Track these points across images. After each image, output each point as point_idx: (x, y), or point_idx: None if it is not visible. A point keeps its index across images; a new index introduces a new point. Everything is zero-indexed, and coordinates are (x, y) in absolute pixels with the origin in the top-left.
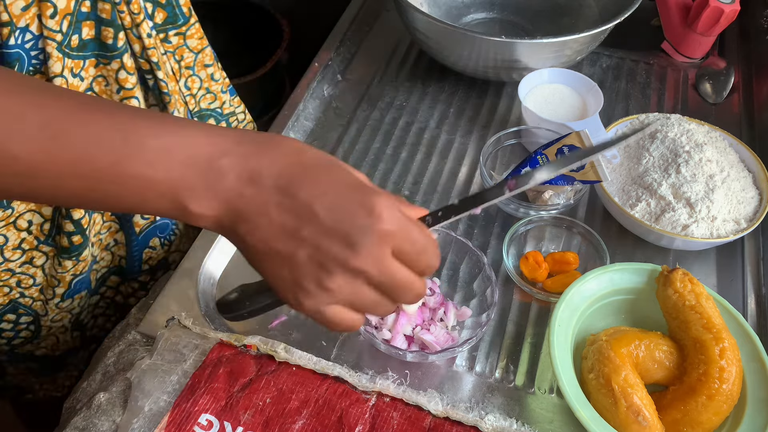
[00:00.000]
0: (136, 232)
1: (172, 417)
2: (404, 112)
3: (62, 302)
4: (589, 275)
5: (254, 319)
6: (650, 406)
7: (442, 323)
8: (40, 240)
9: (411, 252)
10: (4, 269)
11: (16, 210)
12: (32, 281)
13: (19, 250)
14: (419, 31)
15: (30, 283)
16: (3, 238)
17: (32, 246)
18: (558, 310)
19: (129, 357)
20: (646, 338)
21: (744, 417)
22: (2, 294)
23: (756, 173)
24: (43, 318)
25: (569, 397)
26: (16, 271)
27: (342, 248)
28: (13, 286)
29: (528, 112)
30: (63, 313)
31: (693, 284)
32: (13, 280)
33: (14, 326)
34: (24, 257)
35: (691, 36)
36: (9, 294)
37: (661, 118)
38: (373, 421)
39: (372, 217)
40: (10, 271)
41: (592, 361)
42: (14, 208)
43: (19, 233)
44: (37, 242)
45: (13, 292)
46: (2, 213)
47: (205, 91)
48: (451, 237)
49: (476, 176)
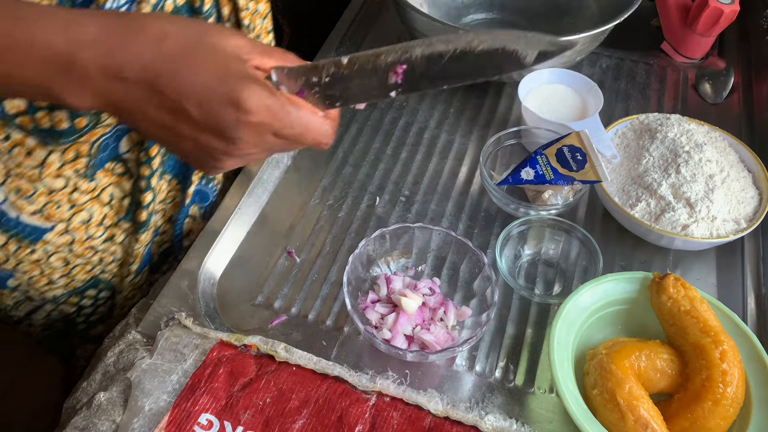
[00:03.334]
0: (185, 202)
1: (172, 417)
2: (404, 112)
3: (135, 278)
4: (582, 289)
5: (254, 319)
6: (657, 417)
7: (442, 323)
8: (120, 216)
9: (292, 135)
10: (88, 247)
11: (99, 182)
12: (112, 258)
13: (102, 227)
14: (419, 31)
15: (110, 260)
16: (87, 214)
17: (113, 222)
18: (555, 328)
19: (129, 357)
20: (645, 348)
21: (751, 419)
22: (85, 271)
23: (756, 173)
24: (118, 295)
25: (576, 417)
26: (99, 248)
27: (221, 143)
28: (95, 263)
29: (528, 112)
30: (134, 290)
31: (686, 289)
32: (96, 258)
33: (94, 301)
34: (106, 234)
35: (691, 36)
36: (91, 271)
37: (661, 118)
38: (373, 421)
39: (240, 111)
40: (93, 249)
41: (595, 377)
42: (98, 180)
43: (102, 208)
44: (117, 219)
45: (95, 269)
46: (87, 185)
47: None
48: (451, 237)
49: (476, 176)
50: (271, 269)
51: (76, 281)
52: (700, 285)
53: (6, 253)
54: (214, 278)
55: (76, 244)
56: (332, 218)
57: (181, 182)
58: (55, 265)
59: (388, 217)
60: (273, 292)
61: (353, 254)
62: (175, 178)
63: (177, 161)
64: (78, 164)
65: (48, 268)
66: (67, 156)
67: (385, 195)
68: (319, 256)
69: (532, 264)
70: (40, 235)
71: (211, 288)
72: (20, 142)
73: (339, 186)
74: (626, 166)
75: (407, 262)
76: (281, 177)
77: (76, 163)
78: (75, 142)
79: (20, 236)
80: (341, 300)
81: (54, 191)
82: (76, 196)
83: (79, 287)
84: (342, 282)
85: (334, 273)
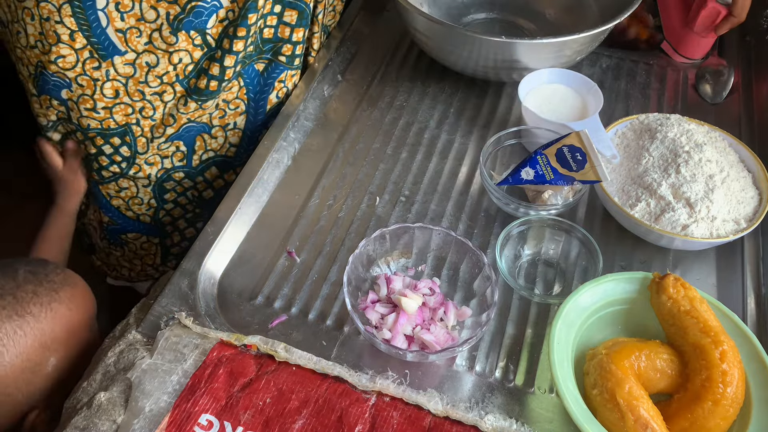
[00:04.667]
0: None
1: (172, 417)
2: (404, 112)
3: (164, 144)
4: (582, 289)
5: (254, 319)
6: (657, 417)
7: (442, 323)
8: (178, 77)
9: None
10: (139, 89)
11: (178, 43)
12: (152, 113)
13: (159, 79)
14: (419, 31)
15: (150, 114)
16: (155, 59)
17: (170, 81)
18: (555, 328)
19: (129, 357)
20: (645, 348)
21: (751, 419)
22: (125, 114)
23: (756, 173)
24: (139, 155)
25: (576, 417)
26: (147, 96)
27: None
28: (137, 109)
29: (528, 112)
30: (156, 159)
31: (686, 289)
32: (139, 105)
33: (113, 154)
34: (159, 87)
35: (691, 36)
36: (129, 116)
37: (660, 118)
38: (373, 421)
39: None
40: (141, 93)
41: (595, 377)
42: (178, 39)
43: (168, 64)
44: (176, 79)
45: (133, 116)
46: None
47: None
48: (451, 237)
49: (476, 176)
50: (271, 269)
51: (111, 120)
52: (700, 285)
53: (79, 57)
54: (214, 278)
55: (132, 82)
56: (332, 218)
57: (249, 94)
58: (106, 92)
59: (388, 217)
60: (273, 292)
61: (353, 254)
62: (246, 88)
63: (257, 80)
64: (170, 9)
65: (98, 93)
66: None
67: (385, 195)
68: (319, 256)
69: (532, 264)
70: (111, 55)
71: (211, 288)
72: None
73: (339, 186)
74: (626, 166)
75: (407, 262)
76: (281, 177)
77: (169, 6)
78: None
79: (97, 47)
80: (341, 300)
81: (142, 20)
82: (155, 36)
83: (110, 129)
84: (342, 282)
85: (334, 273)
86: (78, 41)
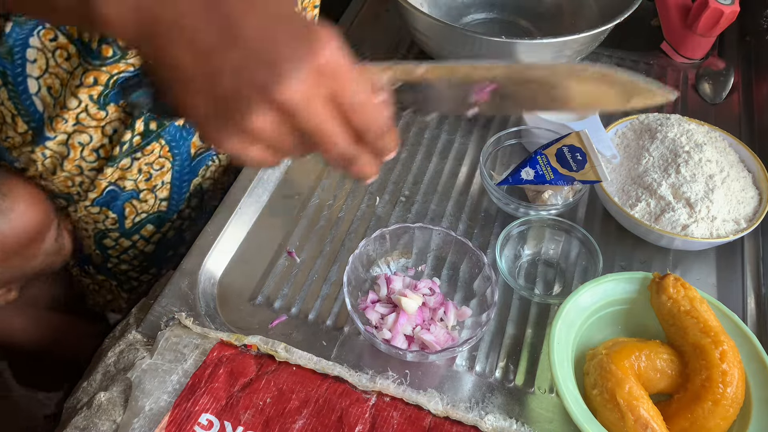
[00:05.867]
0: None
1: (172, 417)
2: (404, 112)
3: (91, 207)
4: (582, 289)
5: (254, 319)
6: (657, 417)
7: (442, 323)
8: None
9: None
10: (77, 165)
11: (109, 115)
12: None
13: (95, 154)
14: (419, 31)
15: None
16: (88, 137)
17: (107, 155)
18: (555, 328)
19: (129, 357)
20: (645, 348)
21: (751, 419)
22: (65, 186)
23: (756, 173)
24: (72, 213)
25: (576, 417)
26: (85, 172)
27: (268, 76)
28: (76, 183)
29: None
30: (89, 219)
31: (686, 289)
32: (78, 179)
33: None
34: (97, 163)
35: (691, 37)
36: (70, 188)
37: (660, 118)
38: (373, 421)
39: (310, 49)
40: (80, 169)
41: (595, 377)
42: (107, 112)
43: (102, 138)
44: (112, 152)
45: (72, 189)
46: (97, 111)
47: None
48: (451, 237)
49: (476, 176)
50: (271, 269)
51: (53, 189)
52: (700, 285)
53: (21, 139)
54: (214, 278)
55: (67, 161)
56: (332, 218)
57: (176, 157)
58: (48, 166)
59: (388, 217)
60: (273, 292)
61: (353, 254)
62: (169, 146)
63: (178, 134)
64: (93, 91)
65: (41, 167)
66: (88, 79)
67: (385, 195)
68: (319, 256)
69: (532, 264)
70: (44, 141)
71: (211, 288)
72: (64, 46)
73: (339, 186)
74: (626, 166)
75: (407, 262)
76: (281, 177)
77: (92, 89)
78: (97, 69)
79: (35, 130)
80: (341, 300)
81: (66, 108)
82: (83, 116)
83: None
84: (342, 282)
85: (334, 273)
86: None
